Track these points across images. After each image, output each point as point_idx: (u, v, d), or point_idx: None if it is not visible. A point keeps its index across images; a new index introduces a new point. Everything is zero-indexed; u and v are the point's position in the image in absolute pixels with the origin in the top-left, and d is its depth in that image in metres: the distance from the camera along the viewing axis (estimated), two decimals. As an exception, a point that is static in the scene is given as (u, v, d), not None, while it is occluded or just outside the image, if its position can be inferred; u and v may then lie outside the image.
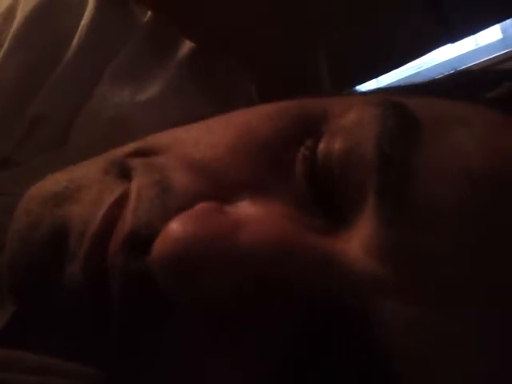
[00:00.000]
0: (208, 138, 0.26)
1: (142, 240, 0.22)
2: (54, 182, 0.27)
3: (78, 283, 0.23)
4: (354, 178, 0.23)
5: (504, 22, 1.40)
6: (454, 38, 0.59)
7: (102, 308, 0.22)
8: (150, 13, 0.44)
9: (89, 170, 0.26)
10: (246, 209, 0.23)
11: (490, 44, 1.55)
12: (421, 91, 0.31)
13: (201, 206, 0.22)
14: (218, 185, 0.24)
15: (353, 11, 0.49)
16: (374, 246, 0.21)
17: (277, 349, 0.21)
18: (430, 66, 1.39)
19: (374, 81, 0.66)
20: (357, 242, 0.21)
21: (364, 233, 0.22)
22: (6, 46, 0.37)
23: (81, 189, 0.25)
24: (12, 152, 0.37)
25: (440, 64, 1.44)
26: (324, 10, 0.47)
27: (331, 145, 0.24)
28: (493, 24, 0.74)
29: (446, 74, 0.33)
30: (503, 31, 1.53)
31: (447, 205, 0.21)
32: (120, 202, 0.24)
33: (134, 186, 0.24)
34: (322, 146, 0.24)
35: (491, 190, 0.22)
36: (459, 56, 1.54)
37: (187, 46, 0.44)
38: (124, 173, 0.25)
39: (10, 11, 0.39)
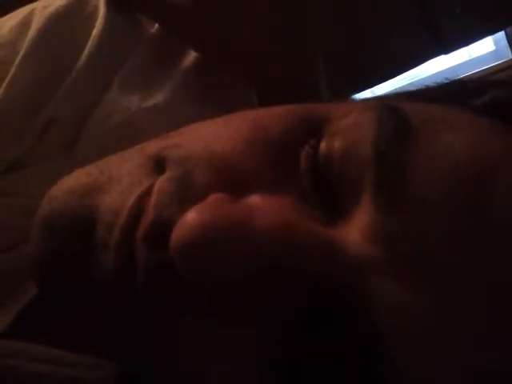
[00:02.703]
0: (225, 132, 0.28)
1: (162, 232, 0.23)
2: (83, 173, 0.28)
3: (109, 272, 0.24)
4: (352, 174, 0.25)
5: (496, 34, 1.42)
6: (447, 49, 0.61)
7: (129, 296, 0.24)
8: (156, 24, 0.46)
9: (121, 163, 0.28)
10: (256, 200, 0.24)
11: (482, 55, 1.57)
12: (415, 98, 0.33)
13: (215, 197, 0.24)
14: (232, 178, 0.25)
15: (350, 23, 0.51)
16: (371, 232, 0.23)
17: (279, 330, 0.23)
18: (423, 76, 1.40)
19: (369, 91, 0.68)
20: (355, 229, 0.23)
21: (361, 221, 0.23)
22: (21, 54, 0.38)
23: (112, 180, 0.27)
24: (23, 155, 0.38)
25: (433, 75, 1.45)
26: (322, 23, 0.49)
27: (332, 144, 0.26)
28: (486, 36, 0.75)
29: (439, 82, 0.35)
30: (496, 43, 1.55)
31: (436, 197, 0.23)
32: (146, 195, 0.25)
33: (159, 180, 0.26)
34: (323, 144, 0.26)
35: (475, 186, 0.23)
36: (452, 67, 1.55)
37: (192, 55, 0.46)
38: (159, 166, 0.27)
39: (26, 22, 0.40)
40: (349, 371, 0.23)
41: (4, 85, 0.38)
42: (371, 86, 0.64)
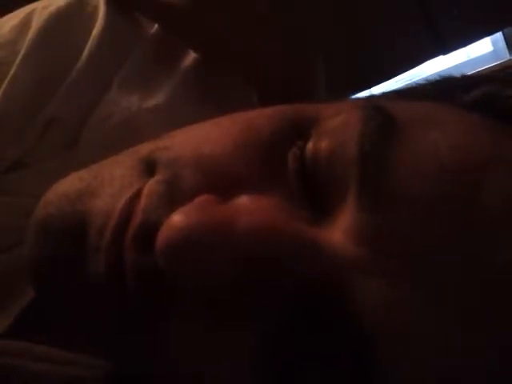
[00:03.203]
0: (214, 134, 0.28)
1: (150, 234, 0.23)
2: (76, 178, 0.28)
3: (100, 275, 0.24)
4: (338, 173, 0.25)
5: (495, 35, 1.43)
6: (446, 49, 0.61)
7: (121, 298, 0.24)
8: (156, 24, 0.46)
9: (113, 167, 0.28)
10: (243, 201, 0.24)
11: (480, 56, 1.58)
12: (405, 96, 0.33)
13: (202, 198, 0.24)
14: (220, 180, 0.25)
15: (350, 23, 0.51)
16: (354, 231, 0.23)
17: (272, 331, 0.23)
18: (421, 77, 1.41)
19: (367, 91, 0.68)
20: (339, 228, 0.23)
21: (346, 220, 0.23)
22: (21, 54, 0.39)
23: (103, 184, 0.26)
24: (23, 155, 0.38)
25: (432, 75, 1.46)
26: (322, 23, 0.49)
27: (318, 144, 0.26)
28: (485, 36, 0.75)
29: (430, 79, 0.34)
30: (494, 44, 1.55)
31: (420, 196, 0.23)
32: (136, 197, 0.25)
33: (149, 183, 0.26)
34: (310, 145, 0.26)
35: (461, 185, 0.23)
36: (450, 67, 1.56)
37: (192, 55, 0.46)
38: (150, 168, 0.27)
39: (26, 22, 0.40)
40: (340, 374, 0.22)
41: (4, 85, 0.38)
42: (371, 86, 0.64)
